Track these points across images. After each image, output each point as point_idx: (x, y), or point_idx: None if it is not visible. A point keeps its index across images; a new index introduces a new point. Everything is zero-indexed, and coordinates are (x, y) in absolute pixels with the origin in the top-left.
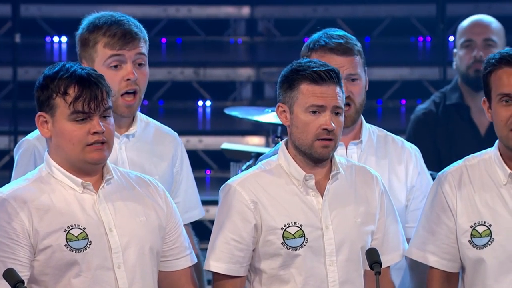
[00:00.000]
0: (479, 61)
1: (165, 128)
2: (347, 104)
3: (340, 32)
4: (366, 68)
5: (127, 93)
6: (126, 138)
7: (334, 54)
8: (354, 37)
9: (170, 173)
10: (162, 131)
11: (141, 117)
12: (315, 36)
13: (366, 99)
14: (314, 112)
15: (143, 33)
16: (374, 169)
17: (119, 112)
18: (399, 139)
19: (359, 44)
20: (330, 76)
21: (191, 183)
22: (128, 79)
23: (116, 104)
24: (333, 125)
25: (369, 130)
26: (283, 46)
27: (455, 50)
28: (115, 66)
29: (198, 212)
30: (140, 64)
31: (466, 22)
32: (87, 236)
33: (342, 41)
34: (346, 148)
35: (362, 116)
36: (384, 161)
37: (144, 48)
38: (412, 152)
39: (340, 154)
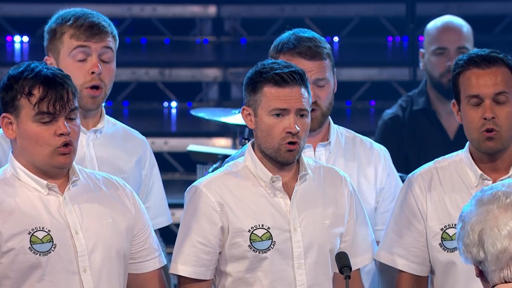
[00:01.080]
0: None
1: (133, 131)
2: (313, 110)
3: (309, 33)
4: (335, 70)
5: (91, 87)
6: (94, 134)
7: (302, 58)
8: (323, 39)
9: (139, 173)
10: (131, 133)
11: (108, 118)
12: (284, 37)
13: (335, 100)
14: (278, 115)
15: (111, 28)
16: (343, 170)
17: (83, 104)
18: (367, 140)
19: (328, 46)
20: (293, 78)
21: (160, 190)
22: (92, 72)
23: (80, 96)
24: (298, 128)
25: (337, 131)
26: (250, 46)
27: (422, 50)
28: (81, 60)
29: (165, 219)
30: (106, 61)
31: (436, 25)
32: (52, 239)
33: (311, 44)
34: (314, 150)
35: (330, 117)
36: (352, 162)
37: (112, 43)
38: (381, 153)
39: (308, 156)
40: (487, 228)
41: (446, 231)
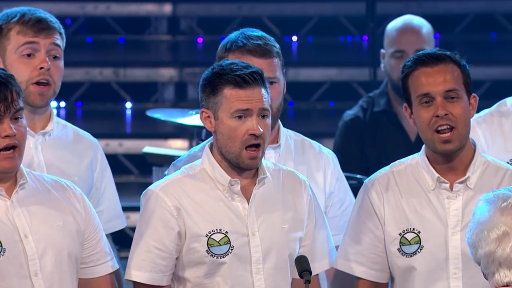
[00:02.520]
0: None
1: (84, 133)
2: None
3: (258, 32)
4: (284, 70)
5: (38, 83)
6: (42, 137)
7: (252, 56)
8: (272, 38)
9: (90, 176)
10: (81, 135)
11: (57, 119)
12: (232, 36)
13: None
14: (240, 117)
15: (59, 25)
16: None
17: (31, 101)
18: (316, 144)
19: (278, 46)
20: (254, 79)
21: (113, 192)
22: (41, 68)
23: (27, 93)
24: (261, 130)
25: (286, 134)
26: (207, 46)
27: (383, 51)
28: (28, 55)
29: (120, 222)
30: (55, 57)
31: (395, 27)
32: (1, 243)
33: (260, 42)
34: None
35: (279, 120)
36: (302, 166)
37: (59, 41)
38: (330, 157)
39: None
40: (479, 230)
41: (405, 235)
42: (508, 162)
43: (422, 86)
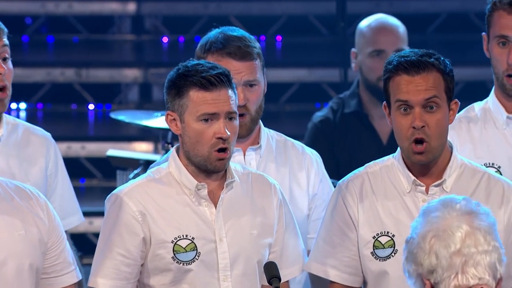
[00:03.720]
0: None
1: (35, 129)
2: (242, 115)
3: (238, 32)
4: (265, 70)
5: None
6: None
7: (232, 58)
8: (253, 38)
9: (43, 178)
10: (32, 132)
11: (7, 119)
12: (211, 35)
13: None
14: (206, 120)
15: (3, 26)
16: (274, 176)
17: None
18: (299, 144)
19: (258, 46)
20: (220, 80)
21: (67, 187)
22: None
23: None
24: (228, 133)
25: (268, 135)
26: (172, 45)
27: (354, 50)
28: None
29: (77, 218)
30: (4, 59)
31: (371, 26)
32: None
33: (240, 44)
34: (244, 154)
35: (260, 120)
36: (284, 168)
37: (6, 40)
38: (313, 158)
39: (237, 161)
40: (440, 231)
41: (378, 239)
42: None
43: (401, 93)
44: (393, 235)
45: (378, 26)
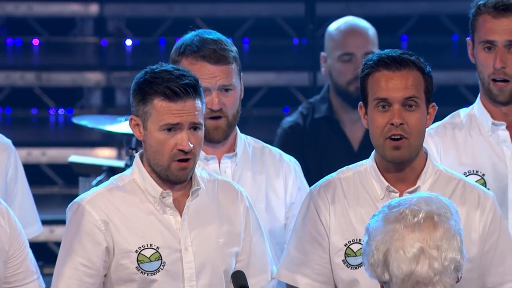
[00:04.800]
0: None
1: None
2: (219, 118)
3: (214, 35)
4: (242, 74)
5: None
6: None
7: (207, 62)
8: (229, 41)
9: (3, 186)
10: None
11: None
12: (187, 38)
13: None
14: (169, 130)
15: None
16: (250, 184)
17: None
18: (277, 151)
19: (234, 49)
20: (186, 92)
21: (26, 196)
22: None
23: None
24: (190, 145)
25: (244, 141)
26: (136, 48)
27: (323, 54)
28: None
29: (36, 228)
30: None
31: (340, 29)
32: None
33: (216, 47)
34: (219, 162)
35: (237, 126)
36: (261, 175)
37: None
38: (291, 165)
39: (212, 169)
40: (392, 250)
41: (350, 246)
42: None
43: (381, 90)
44: None
45: (347, 29)
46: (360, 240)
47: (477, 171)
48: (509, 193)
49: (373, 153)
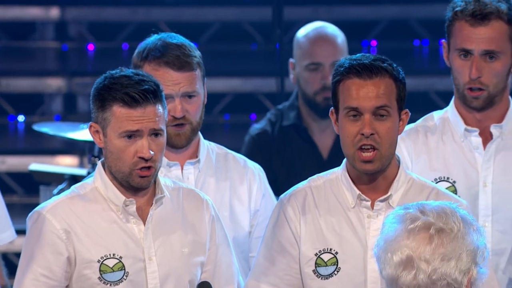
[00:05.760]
0: (329, 88)
1: None
2: (182, 125)
3: (178, 39)
4: (205, 79)
5: None
6: None
7: (170, 68)
8: (193, 46)
9: None
10: None
11: None
12: (149, 42)
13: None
14: (129, 137)
15: None
16: (214, 191)
17: None
18: (241, 157)
19: (198, 54)
20: (146, 98)
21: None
22: None
23: None
24: (151, 153)
25: (207, 147)
26: (98, 53)
27: (292, 60)
28: None
29: (9, 234)
30: None
31: (308, 37)
32: None
33: (179, 53)
34: (182, 169)
35: (200, 132)
36: (224, 182)
37: None
38: (256, 172)
39: (175, 176)
40: (384, 250)
41: (321, 256)
42: (432, 182)
43: (351, 98)
44: (336, 252)
45: (315, 37)
46: (331, 249)
47: (448, 178)
48: (479, 201)
49: (344, 161)
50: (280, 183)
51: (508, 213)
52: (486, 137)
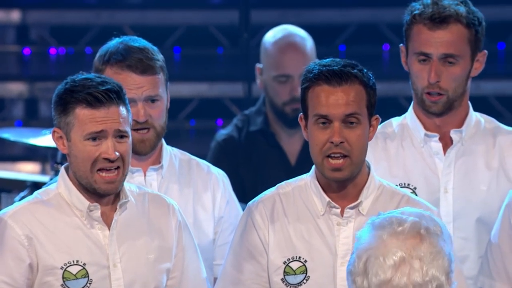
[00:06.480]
0: (298, 99)
1: None
2: (145, 129)
3: (140, 42)
4: (168, 84)
5: None
6: None
7: (132, 72)
8: (156, 49)
9: None
10: None
11: None
12: (111, 45)
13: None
14: (94, 139)
15: None
16: (177, 198)
17: None
18: (204, 163)
19: (161, 58)
20: (109, 97)
21: None
22: None
23: None
24: (117, 154)
25: (170, 153)
26: (61, 58)
27: (259, 66)
28: None
29: None
30: None
31: (276, 45)
32: None
33: (142, 56)
34: (145, 175)
35: (163, 138)
36: (188, 189)
37: None
38: (220, 178)
39: (138, 182)
40: (372, 256)
41: (289, 264)
42: None
43: (321, 106)
44: (305, 261)
45: (284, 46)
46: (300, 257)
47: (408, 184)
48: (440, 207)
49: (313, 167)
50: (247, 189)
51: (470, 219)
52: (446, 143)
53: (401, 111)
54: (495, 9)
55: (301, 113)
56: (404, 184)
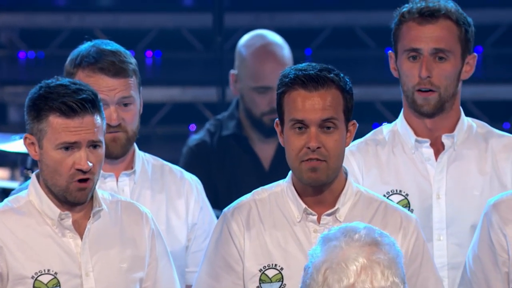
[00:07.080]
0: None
1: None
2: (117, 132)
3: (113, 46)
4: (141, 88)
5: None
6: None
7: (105, 75)
8: (128, 53)
9: None
10: None
11: None
12: (83, 49)
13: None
14: (67, 149)
15: None
16: (150, 204)
17: None
18: (177, 169)
19: (134, 61)
20: (84, 107)
21: None
22: None
23: None
24: (90, 164)
25: (143, 158)
26: (30, 61)
27: (233, 72)
28: None
29: None
30: None
31: (253, 55)
32: None
33: (115, 59)
34: (117, 180)
35: (135, 143)
36: (161, 194)
37: None
38: (193, 184)
39: (110, 187)
40: (334, 263)
41: (265, 272)
42: (384, 195)
43: (297, 111)
44: (282, 268)
45: (263, 56)
46: (275, 265)
47: (400, 191)
48: (433, 213)
49: (290, 173)
50: (220, 194)
51: (463, 225)
52: (438, 148)
53: (378, 116)
54: (472, 13)
55: (277, 119)
56: (396, 191)
